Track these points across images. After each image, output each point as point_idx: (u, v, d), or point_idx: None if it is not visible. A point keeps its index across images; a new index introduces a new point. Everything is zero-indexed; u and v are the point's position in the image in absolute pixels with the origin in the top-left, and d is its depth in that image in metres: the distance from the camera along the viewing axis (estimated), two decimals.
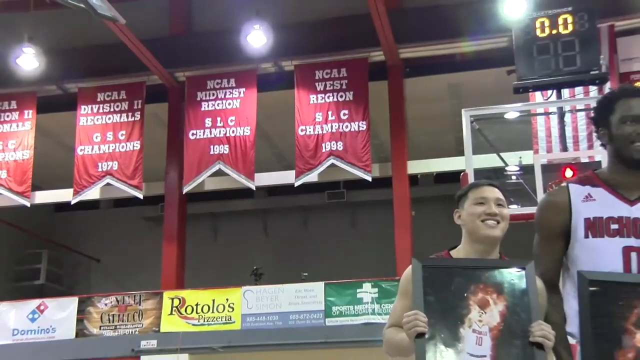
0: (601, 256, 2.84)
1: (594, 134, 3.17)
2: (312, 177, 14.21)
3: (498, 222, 2.97)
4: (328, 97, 14.34)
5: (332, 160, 14.00)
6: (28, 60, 14.14)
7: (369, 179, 14.08)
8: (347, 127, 14.11)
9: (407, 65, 14.72)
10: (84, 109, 15.27)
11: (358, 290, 13.54)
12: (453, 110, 13.85)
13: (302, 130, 14.24)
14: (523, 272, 2.79)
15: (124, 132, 15.01)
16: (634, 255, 2.80)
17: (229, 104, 14.68)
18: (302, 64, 14.64)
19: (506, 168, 10.47)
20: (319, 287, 13.79)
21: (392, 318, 3.03)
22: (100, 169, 14.87)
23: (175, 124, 15.28)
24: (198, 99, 14.89)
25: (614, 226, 2.85)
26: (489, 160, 10.61)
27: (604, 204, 2.90)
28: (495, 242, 3.00)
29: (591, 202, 2.92)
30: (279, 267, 17.63)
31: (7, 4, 14.41)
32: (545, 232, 3.02)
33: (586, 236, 2.89)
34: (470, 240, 3.04)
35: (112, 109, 15.21)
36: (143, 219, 19.06)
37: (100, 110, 15.23)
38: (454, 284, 2.78)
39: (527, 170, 9.70)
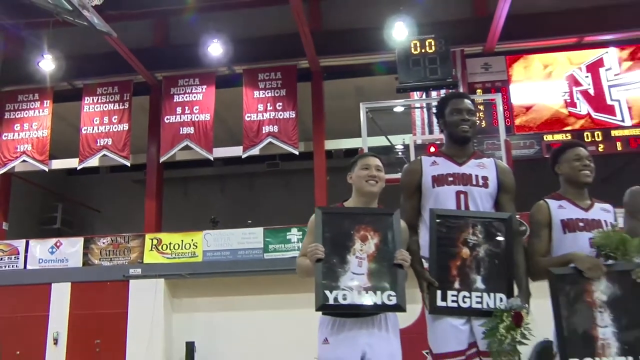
0: (443, 198, 3.03)
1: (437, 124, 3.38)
2: (255, 151, 14.16)
3: (377, 182, 3.06)
4: (267, 93, 14.29)
5: (269, 139, 13.98)
6: (47, 64, 13.98)
7: (297, 153, 14.13)
8: (281, 115, 14.10)
9: (325, 71, 14.77)
10: (87, 99, 14.94)
11: (288, 234, 13.63)
12: (357, 104, 13.92)
13: (248, 117, 14.18)
14: (392, 217, 2.92)
15: (116, 117, 14.74)
16: (462, 196, 3.01)
17: (194, 97, 14.50)
18: (249, 69, 14.52)
19: (395, 146, 10.63)
20: (259, 231, 13.84)
21: (302, 250, 3.12)
22: (98, 144, 14.60)
23: (155, 111, 15.01)
24: (172, 93, 14.66)
25: (450, 178, 3.05)
26: (381, 141, 10.77)
27: (444, 166, 3.10)
28: (375, 196, 3.08)
29: (436, 166, 3.11)
30: (231, 216, 17.56)
31: (33, 24, 14.16)
32: (406, 189, 3.18)
33: (433, 187, 3.07)
34: (357, 195, 3.12)
35: (107, 100, 14.91)
36: (132, 181, 18.67)
37: (99, 101, 14.91)
38: (344, 225, 2.88)
39: (407, 148, 9.87)
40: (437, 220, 2.92)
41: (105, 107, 14.86)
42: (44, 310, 13.62)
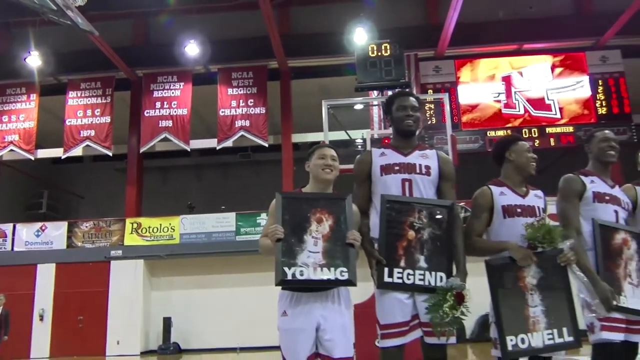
0: (389, 185, 3.02)
1: (386, 119, 3.35)
2: (229, 143, 14.07)
3: (332, 170, 3.03)
4: (240, 91, 14.19)
5: (242, 132, 13.92)
6: (34, 60, 13.73)
7: (267, 145, 14.12)
8: (252, 110, 14.03)
9: (293, 71, 14.75)
10: (72, 93, 14.62)
11: (258, 218, 13.63)
12: (321, 102, 13.99)
13: (222, 112, 14.06)
14: (344, 201, 2.91)
15: (99, 110, 14.47)
16: (407, 183, 3.01)
17: (172, 93, 14.34)
18: (223, 68, 14.38)
19: (355, 140, 10.57)
20: (232, 215, 13.80)
21: (264, 231, 3.07)
22: (82, 135, 14.32)
23: (135, 106, 14.78)
24: (151, 89, 14.44)
25: (397, 167, 3.04)
26: (342, 135, 10.75)
27: (391, 156, 3.09)
28: (330, 183, 3.05)
29: (384, 157, 3.10)
30: (206, 202, 17.47)
31: (21, 22, 13.94)
32: (358, 178, 3.17)
33: (381, 175, 3.05)
34: (314, 181, 3.08)
35: (91, 94, 14.62)
36: (114, 169, 18.37)
37: (83, 95, 14.60)
38: (301, 208, 2.85)
39: (366, 142, 9.84)
40: (387, 205, 2.93)
41: (89, 100, 14.57)
42: (30, 289, 13.43)
